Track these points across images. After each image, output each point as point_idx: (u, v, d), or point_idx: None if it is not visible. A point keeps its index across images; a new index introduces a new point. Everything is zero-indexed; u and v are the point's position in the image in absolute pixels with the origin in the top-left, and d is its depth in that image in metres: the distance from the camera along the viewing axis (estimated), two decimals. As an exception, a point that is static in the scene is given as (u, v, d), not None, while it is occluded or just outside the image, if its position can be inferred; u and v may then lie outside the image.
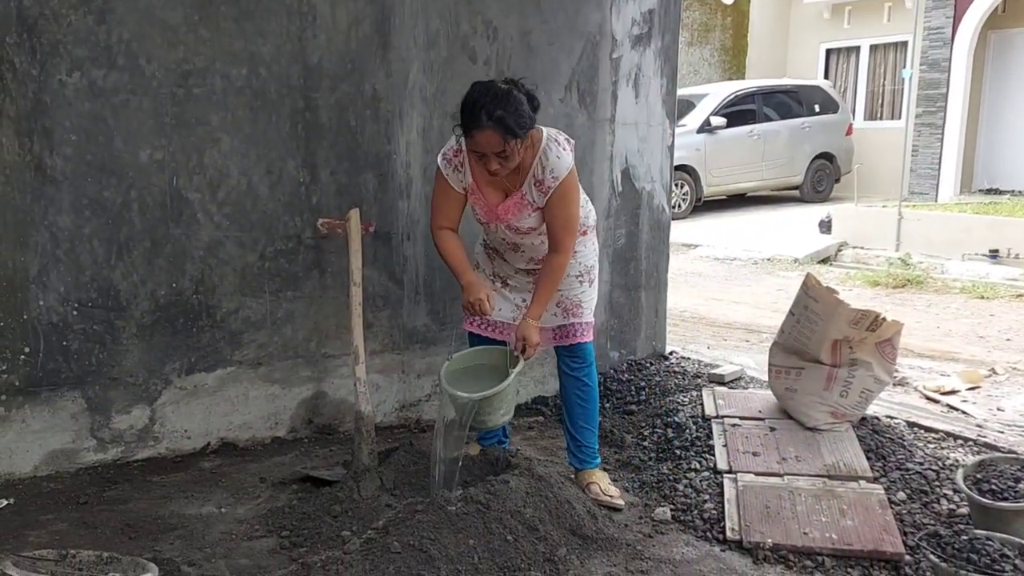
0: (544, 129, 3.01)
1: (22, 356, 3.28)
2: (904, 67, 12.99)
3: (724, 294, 8.28)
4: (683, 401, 4.10)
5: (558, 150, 2.99)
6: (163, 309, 3.49)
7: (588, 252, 3.27)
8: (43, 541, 2.82)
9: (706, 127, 12.88)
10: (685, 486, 3.30)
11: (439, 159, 3.12)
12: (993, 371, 5.14)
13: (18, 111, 3.15)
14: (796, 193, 14.11)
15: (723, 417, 3.81)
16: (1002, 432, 3.94)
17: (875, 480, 3.26)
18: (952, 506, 3.13)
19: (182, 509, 3.14)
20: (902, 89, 14.10)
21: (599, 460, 3.36)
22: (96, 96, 3.26)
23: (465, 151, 3.03)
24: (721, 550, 2.92)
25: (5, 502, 3.09)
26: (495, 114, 2.79)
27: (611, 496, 3.20)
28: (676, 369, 4.71)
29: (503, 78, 2.96)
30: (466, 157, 3.05)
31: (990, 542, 2.52)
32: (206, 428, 3.67)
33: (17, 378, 3.28)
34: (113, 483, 3.33)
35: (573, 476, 3.30)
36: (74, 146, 3.25)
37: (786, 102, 13.79)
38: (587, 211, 3.24)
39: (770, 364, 3.86)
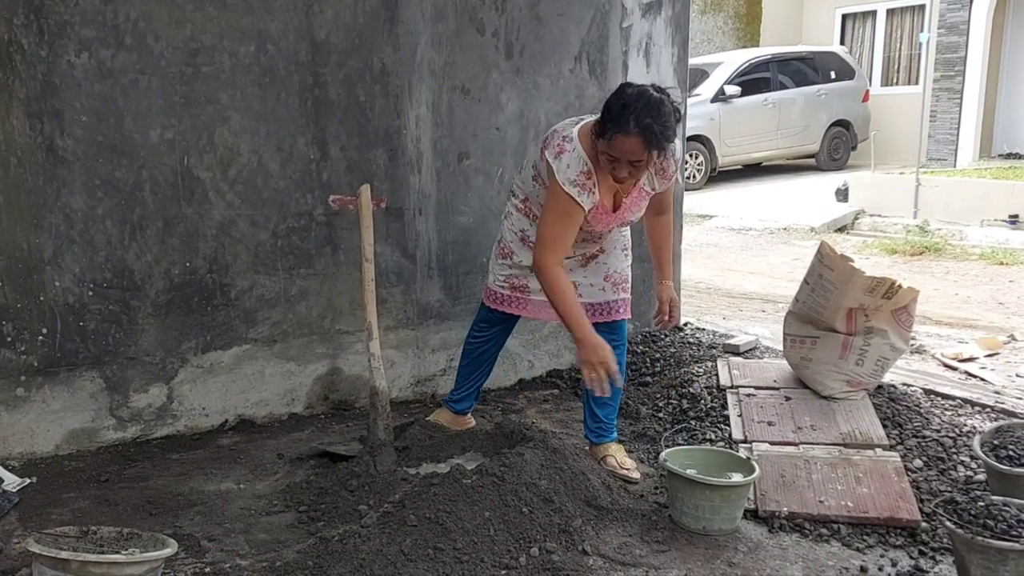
0: None
1: (40, 337, 3.31)
2: (922, 31, 12.77)
3: (739, 264, 8.24)
4: (698, 372, 4.10)
5: (676, 138, 2.86)
6: (177, 288, 3.51)
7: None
8: (65, 518, 2.87)
9: (720, 96, 12.75)
10: (700, 456, 3.30)
11: (568, 188, 2.80)
12: (1012, 337, 5.09)
13: (28, 93, 3.15)
14: (812, 161, 13.98)
15: (738, 387, 3.80)
16: (1020, 398, 3.90)
17: (891, 448, 3.26)
18: (969, 473, 3.12)
19: (201, 486, 3.17)
20: (919, 54, 13.87)
21: (616, 434, 3.36)
22: (105, 76, 3.26)
23: (594, 170, 2.83)
24: (736, 519, 2.92)
25: (28, 481, 3.12)
26: (643, 122, 2.63)
27: (627, 469, 3.21)
28: (691, 340, 4.70)
29: (653, 85, 2.76)
30: (596, 177, 2.84)
31: (1007, 508, 2.51)
32: (223, 406, 3.70)
33: (36, 359, 3.31)
34: (133, 461, 3.37)
35: (588, 449, 3.30)
36: (84, 127, 3.26)
37: (801, 69, 13.61)
38: None
39: (785, 333, 3.84)
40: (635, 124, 2.63)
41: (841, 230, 9.97)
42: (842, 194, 10.72)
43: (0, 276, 3.21)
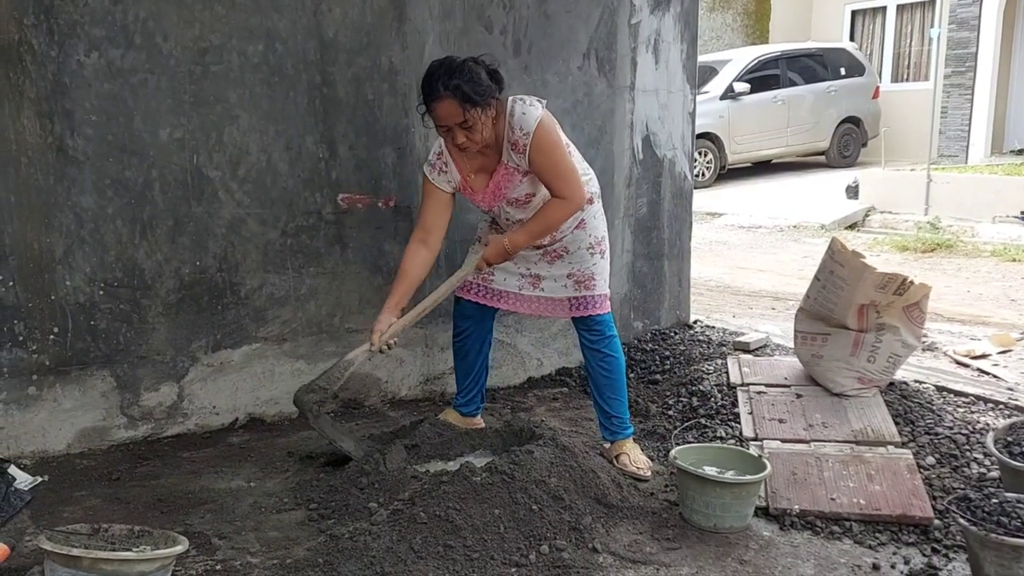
0: (510, 97, 3.01)
1: (51, 336, 3.32)
2: (932, 26, 12.70)
3: (749, 262, 8.22)
4: (708, 370, 4.08)
5: (523, 107, 2.97)
6: (188, 287, 3.52)
7: (597, 223, 3.23)
8: (77, 516, 2.87)
9: (729, 93, 12.73)
10: (711, 454, 3.29)
11: (424, 168, 3.14)
12: (1025, 334, 5.05)
13: (38, 93, 3.16)
14: (822, 159, 13.93)
15: (748, 385, 3.78)
16: (1034, 395, 3.88)
17: (903, 445, 3.24)
18: (982, 470, 3.10)
19: (212, 484, 3.18)
20: (930, 49, 13.81)
21: (631, 430, 3.33)
22: (115, 76, 3.27)
23: (447, 151, 3.06)
24: (747, 517, 2.91)
25: (40, 479, 3.15)
26: (451, 83, 2.83)
27: (638, 467, 3.19)
28: (700, 338, 4.69)
29: (467, 57, 2.95)
30: (448, 155, 3.07)
31: (1021, 505, 2.49)
32: (234, 404, 3.70)
33: (47, 358, 3.33)
34: (144, 459, 3.38)
35: (607, 447, 3.29)
36: (94, 126, 3.27)
37: (811, 66, 13.57)
38: (589, 178, 3.22)
39: (796, 330, 3.82)
40: (444, 88, 2.83)
41: (851, 227, 9.93)
42: (852, 191, 10.67)
43: (12, 275, 3.22)
